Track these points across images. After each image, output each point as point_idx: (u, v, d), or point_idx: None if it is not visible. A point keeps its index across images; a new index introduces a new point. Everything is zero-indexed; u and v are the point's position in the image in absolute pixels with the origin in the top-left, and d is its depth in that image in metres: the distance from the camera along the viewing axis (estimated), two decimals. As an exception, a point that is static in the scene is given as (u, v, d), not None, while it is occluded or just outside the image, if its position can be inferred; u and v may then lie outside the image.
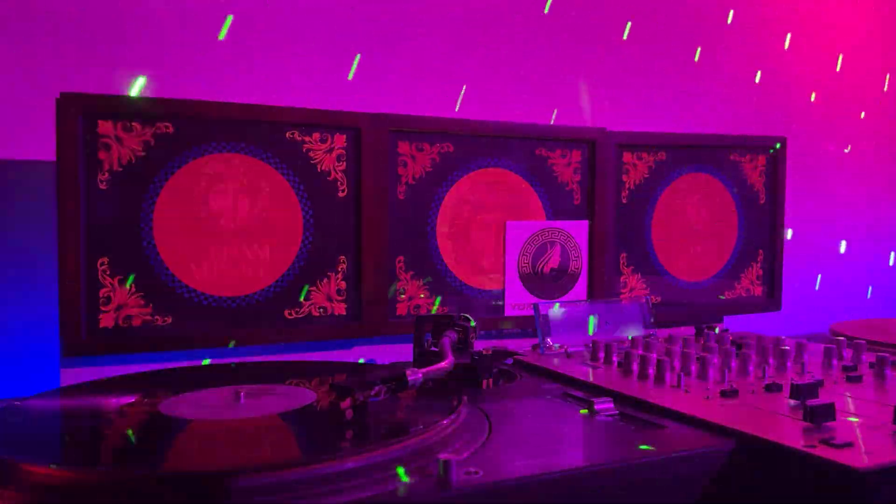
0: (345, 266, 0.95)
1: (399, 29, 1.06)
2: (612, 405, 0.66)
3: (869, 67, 1.50)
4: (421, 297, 0.99)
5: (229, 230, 0.89)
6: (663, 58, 1.26)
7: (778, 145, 1.20)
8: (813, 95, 1.42)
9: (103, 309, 0.83)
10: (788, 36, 1.39)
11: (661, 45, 1.26)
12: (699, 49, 1.29)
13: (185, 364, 0.85)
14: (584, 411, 0.67)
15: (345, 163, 0.95)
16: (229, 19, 0.93)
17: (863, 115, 1.50)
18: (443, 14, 1.09)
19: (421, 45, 1.08)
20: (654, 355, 0.78)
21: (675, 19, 1.27)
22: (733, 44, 1.32)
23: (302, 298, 0.92)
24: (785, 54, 1.38)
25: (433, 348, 0.81)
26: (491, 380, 0.78)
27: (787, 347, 0.83)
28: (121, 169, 0.84)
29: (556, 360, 0.87)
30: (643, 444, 0.57)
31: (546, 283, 1.07)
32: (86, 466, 0.52)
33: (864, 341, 0.87)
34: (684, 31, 1.28)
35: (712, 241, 1.18)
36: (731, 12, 1.32)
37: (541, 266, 1.06)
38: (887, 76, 1.51)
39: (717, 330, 1.00)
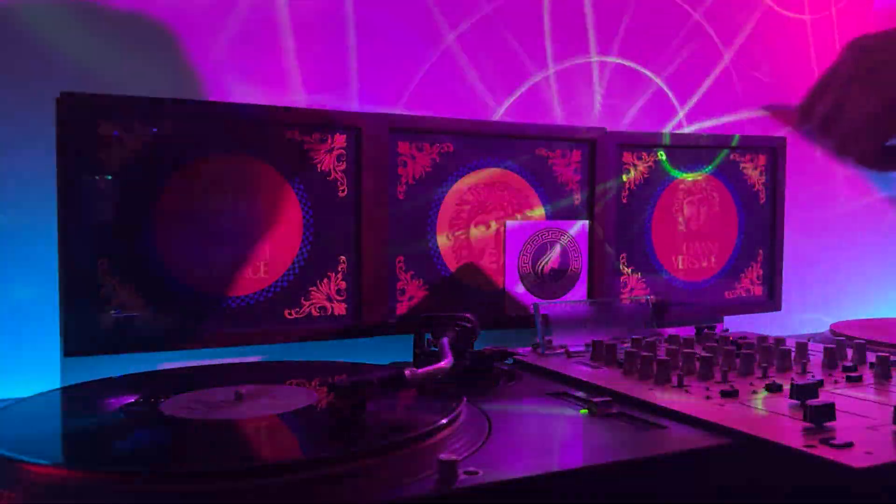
0: (345, 266, 0.95)
1: (400, 27, 1.06)
2: (612, 405, 0.66)
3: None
4: (421, 298, 0.99)
5: (229, 230, 0.89)
6: (664, 57, 1.26)
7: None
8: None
9: (103, 309, 0.83)
10: (790, 36, 1.39)
11: (662, 45, 1.26)
12: (700, 49, 1.29)
13: (185, 364, 0.85)
14: (584, 411, 0.67)
15: (345, 163, 0.95)
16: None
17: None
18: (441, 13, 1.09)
19: (422, 44, 1.08)
20: (655, 355, 0.78)
21: (677, 19, 1.27)
22: (735, 43, 1.32)
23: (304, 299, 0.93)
24: (786, 54, 1.38)
25: (433, 348, 0.81)
26: (491, 380, 0.78)
27: (787, 347, 0.83)
28: (121, 169, 0.84)
29: (556, 360, 0.87)
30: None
31: (546, 283, 1.07)
32: (86, 466, 0.52)
33: (864, 341, 0.87)
34: (685, 31, 1.27)
35: (712, 241, 1.18)
36: (735, 12, 1.32)
37: (541, 266, 1.06)
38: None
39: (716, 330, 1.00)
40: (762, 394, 0.70)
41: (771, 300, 1.22)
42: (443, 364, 0.69)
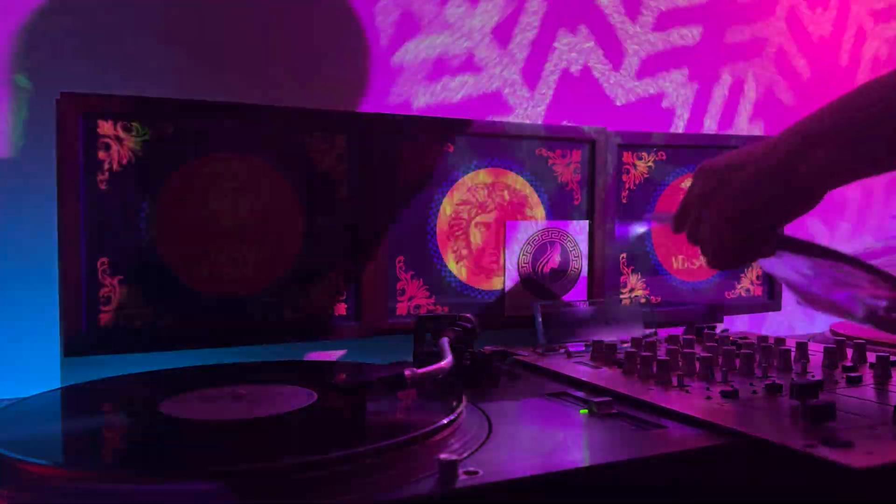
0: (345, 266, 0.95)
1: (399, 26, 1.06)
2: (612, 405, 0.66)
3: (871, 64, 1.50)
4: (421, 298, 0.99)
5: (229, 230, 0.89)
6: (664, 56, 1.26)
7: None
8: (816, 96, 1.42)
9: (103, 309, 0.83)
10: (791, 36, 1.39)
11: (663, 45, 1.26)
12: (699, 48, 1.29)
13: (185, 364, 0.85)
14: (584, 411, 0.67)
15: (345, 163, 0.95)
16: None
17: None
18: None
19: (420, 43, 1.08)
20: (655, 355, 0.78)
21: (678, 19, 1.27)
22: (737, 43, 1.32)
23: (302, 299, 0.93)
24: (787, 53, 1.38)
25: (433, 348, 0.81)
26: (491, 380, 0.78)
27: (787, 347, 0.83)
28: (121, 169, 0.84)
29: (556, 360, 0.87)
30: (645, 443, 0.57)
31: (546, 283, 1.07)
32: (86, 466, 0.52)
33: (864, 341, 0.87)
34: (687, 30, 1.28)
35: (712, 241, 1.18)
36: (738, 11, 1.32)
37: (541, 266, 1.06)
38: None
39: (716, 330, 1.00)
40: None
41: (771, 300, 1.22)
42: (443, 364, 0.69)
